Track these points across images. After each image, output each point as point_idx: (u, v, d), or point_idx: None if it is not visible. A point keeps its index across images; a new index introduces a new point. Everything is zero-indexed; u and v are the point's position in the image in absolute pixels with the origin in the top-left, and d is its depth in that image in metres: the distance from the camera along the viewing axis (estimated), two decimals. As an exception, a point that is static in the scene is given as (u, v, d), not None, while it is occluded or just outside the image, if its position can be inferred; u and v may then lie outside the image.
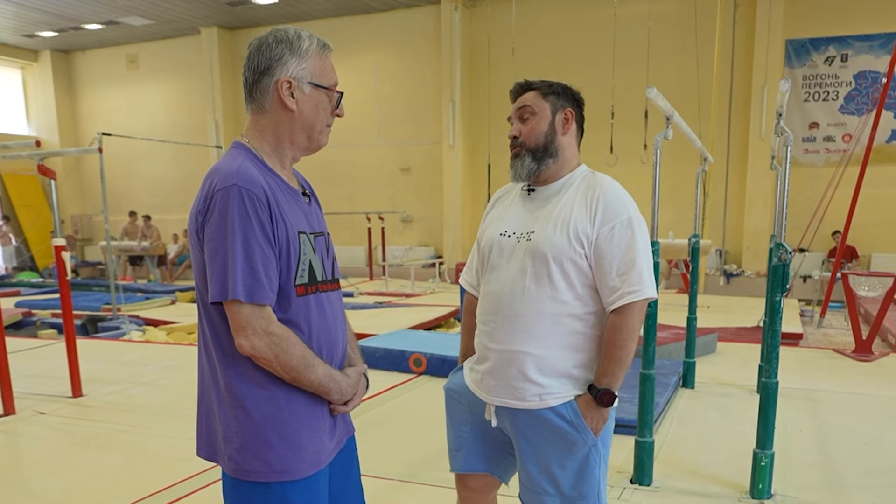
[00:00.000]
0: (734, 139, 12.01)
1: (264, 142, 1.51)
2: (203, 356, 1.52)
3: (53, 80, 17.14)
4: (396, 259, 14.01)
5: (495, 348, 1.86)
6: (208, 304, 1.43)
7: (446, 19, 13.49)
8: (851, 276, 6.99)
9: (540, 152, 1.87)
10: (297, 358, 1.42)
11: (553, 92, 1.90)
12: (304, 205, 1.56)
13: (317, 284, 1.51)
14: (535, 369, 1.80)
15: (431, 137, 14.22)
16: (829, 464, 3.53)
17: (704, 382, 5.14)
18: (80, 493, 3.26)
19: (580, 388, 1.83)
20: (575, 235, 1.78)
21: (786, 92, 3.16)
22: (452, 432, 2.06)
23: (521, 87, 1.93)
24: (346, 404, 1.56)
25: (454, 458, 2.06)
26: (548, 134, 1.88)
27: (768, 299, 3.12)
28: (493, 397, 1.88)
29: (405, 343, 5.78)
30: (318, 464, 1.50)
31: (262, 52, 1.47)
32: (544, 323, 1.80)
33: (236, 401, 1.44)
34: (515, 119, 1.92)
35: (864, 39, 11.23)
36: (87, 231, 17.76)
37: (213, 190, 1.39)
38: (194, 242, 1.45)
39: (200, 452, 1.56)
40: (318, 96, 1.52)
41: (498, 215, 1.99)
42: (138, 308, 9.32)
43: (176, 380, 5.44)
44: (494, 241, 1.91)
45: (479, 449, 2.01)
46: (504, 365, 1.84)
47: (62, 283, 4.94)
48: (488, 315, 1.89)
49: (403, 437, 3.95)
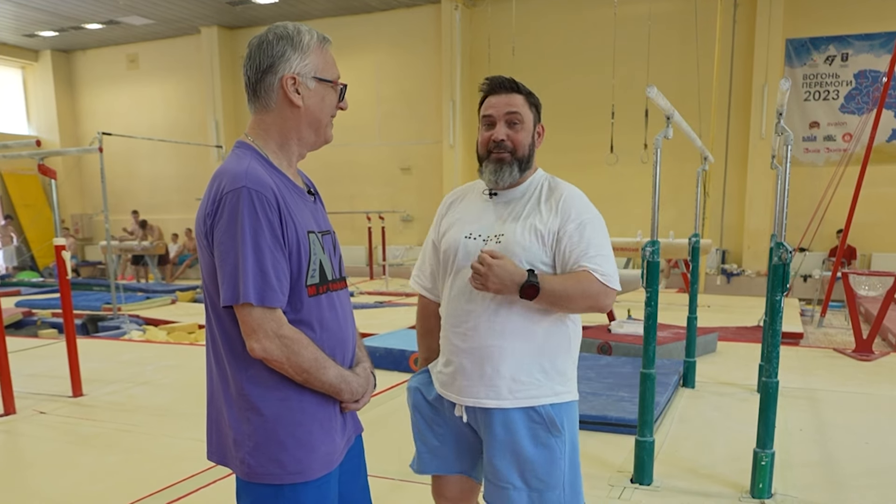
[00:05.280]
0: (734, 138, 12.01)
1: (270, 140, 1.50)
2: (212, 359, 1.50)
3: (54, 79, 17.15)
4: (396, 259, 14.02)
5: (467, 347, 1.84)
6: (218, 307, 1.42)
7: (446, 19, 13.49)
8: (852, 275, 6.99)
9: (524, 163, 1.87)
10: (309, 360, 1.42)
11: (534, 104, 1.90)
12: (311, 204, 1.55)
13: (327, 284, 1.51)
14: (508, 366, 1.81)
15: (432, 137, 14.22)
16: (830, 463, 3.53)
17: (705, 382, 5.14)
18: (80, 493, 3.26)
19: (553, 390, 1.84)
20: (544, 236, 1.81)
21: (786, 91, 3.16)
22: (419, 435, 2.04)
23: (509, 87, 1.87)
24: (357, 402, 1.56)
25: (422, 461, 2.03)
26: (530, 146, 1.89)
27: (768, 299, 3.11)
28: (464, 398, 1.87)
29: (405, 342, 5.78)
30: (330, 464, 1.49)
31: (264, 50, 1.45)
32: (516, 321, 1.80)
33: (248, 403, 1.43)
34: (502, 122, 1.86)
35: (864, 39, 11.22)
36: (87, 231, 17.77)
37: (222, 192, 1.37)
38: (203, 245, 1.43)
39: (212, 457, 1.55)
40: (323, 90, 1.50)
41: (457, 218, 1.96)
42: (139, 308, 9.32)
43: (176, 379, 5.44)
44: (459, 243, 1.89)
45: (451, 450, 1.99)
46: (477, 363, 1.83)
47: (62, 283, 4.94)
48: (458, 316, 1.87)
49: (403, 437, 3.93)
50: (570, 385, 1.89)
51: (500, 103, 1.86)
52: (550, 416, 1.82)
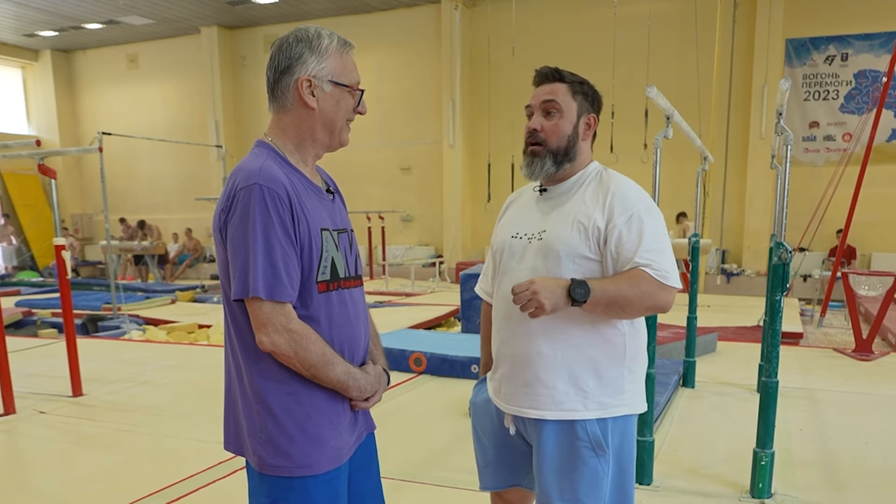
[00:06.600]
0: (734, 138, 12.01)
1: (287, 140, 1.53)
2: (228, 352, 1.54)
3: (54, 79, 17.15)
4: (397, 258, 14.03)
5: (509, 353, 1.79)
6: (231, 301, 1.45)
7: (446, 19, 13.49)
8: (852, 275, 6.99)
9: (560, 156, 1.77)
10: (317, 355, 1.44)
11: (583, 92, 1.78)
12: (328, 202, 1.57)
13: (339, 281, 1.53)
14: (549, 374, 1.71)
15: (432, 137, 14.22)
16: (829, 463, 3.53)
17: (704, 382, 5.14)
18: (80, 493, 3.26)
19: (599, 403, 1.71)
20: (588, 232, 1.68)
21: (786, 91, 3.16)
22: (479, 448, 1.98)
23: (550, 75, 1.78)
24: (367, 400, 1.58)
25: (482, 476, 1.98)
26: (571, 137, 1.77)
27: (768, 298, 3.11)
28: (510, 406, 1.80)
29: (405, 342, 5.78)
30: (338, 459, 1.52)
31: (283, 52, 1.49)
32: (560, 327, 1.70)
33: (259, 396, 1.46)
34: (538, 110, 1.78)
35: (864, 38, 11.22)
36: (87, 231, 17.77)
37: (236, 189, 1.42)
38: (218, 241, 1.47)
39: (228, 447, 1.58)
40: (339, 94, 1.52)
41: (510, 219, 1.91)
42: (138, 307, 9.32)
43: (176, 379, 5.44)
44: (506, 244, 1.84)
45: (505, 463, 1.92)
46: (518, 369, 1.76)
47: (62, 283, 4.94)
48: (502, 320, 1.82)
49: (403, 437, 3.95)
50: (623, 398, 1.74)
51: (540, 93, 1.79)
52: (595, 432, 1.70)
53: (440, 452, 3.73)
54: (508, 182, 11.69)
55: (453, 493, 3.15)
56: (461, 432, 3.98)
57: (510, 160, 10.74)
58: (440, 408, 4.45)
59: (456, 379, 5.17)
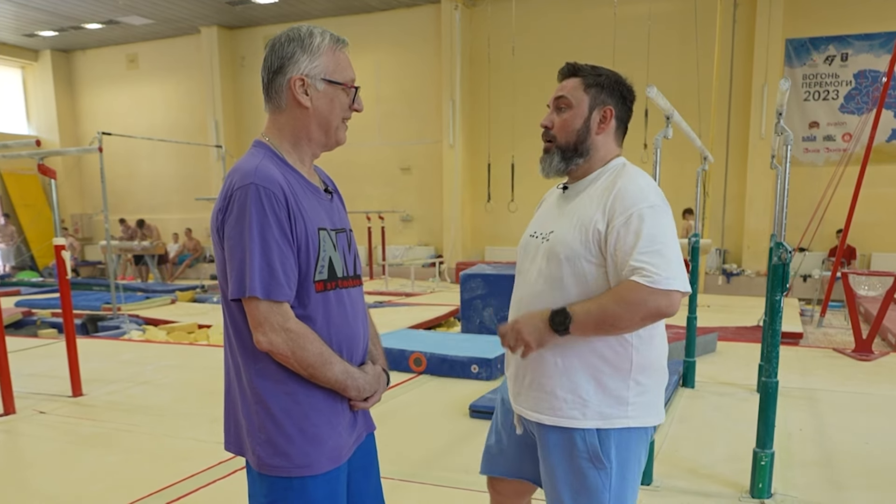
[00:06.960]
0: (734, 138, 12.02)
1: (283, 140, 1.53)
2: (227, 352, 1.54)
3: (53, 79, 17.15)
4: (396, 258, 14.02)
5: (515, 354, 1.78)
6: (230, 301, 1.45)
7: (446, 19, 13.49)
8: (851, 275, 6.99)
9: (570, 151, 1.73)
10: (314, 354, 1.43)
11: (597, 84, 1.72)
12: (326, 201, 1.57)
13: (336, 281, 1.53)
14: (549, 379, 1.69)
15: (431, 137, 14.22)
16: (829, 463, 3.53)
17: (704, 382, 5.14)
18: (80, 493, 3.26)
19: (600, 413, 1.66)
20: (589, 234, 1.63)
21: (786, 91, 3.16)
22: (495, 435, 1.97)
23: (566, 71, 1.76)
24: (366, 400, 1.58)
25: (490, 462, 1.97)
26: (580, 132, 1.72)
27: (768, 298, 3.12)
28: (516, 405, 1.81)
29: (405, 342, 5.78)
30: (337, 459, 1.52)
31: (276, 52, 1.49)
32: None
33: (257, 396, 1.46)
34: (552, 107, 1.76)
35: (864, 39, 11.23)
36: (87, 231, 17.77)
37: (233, 188, 1.42)
38: (215, 241, 1.47)
39: (229, 447, 1.58)
40: (333, 92, 1.53)
41: (536, 217, 1.90)
42: (138, 307, 9.32)
43: (176, 379, 5.44)
44: (524, 243, 1.83)
45: (515, 455, 1.91)
46: (522, 371, 1.76)
47: (62, 283, 4.94)
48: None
49: (403, 437, 3.95)
50: (627, 410, 1.67)
51: (556, 90, 1.76)
52: (594, 444, 1.65)
53: (440, 452, 3.72)
54: (508, 182, 11.70)
55: (453, 493, 3.15)
56: (461, 432, 3.98)
57: (510, 160, 10.74)
58: (440, 408, 4.44)
59: (456, 379, 5.17)
